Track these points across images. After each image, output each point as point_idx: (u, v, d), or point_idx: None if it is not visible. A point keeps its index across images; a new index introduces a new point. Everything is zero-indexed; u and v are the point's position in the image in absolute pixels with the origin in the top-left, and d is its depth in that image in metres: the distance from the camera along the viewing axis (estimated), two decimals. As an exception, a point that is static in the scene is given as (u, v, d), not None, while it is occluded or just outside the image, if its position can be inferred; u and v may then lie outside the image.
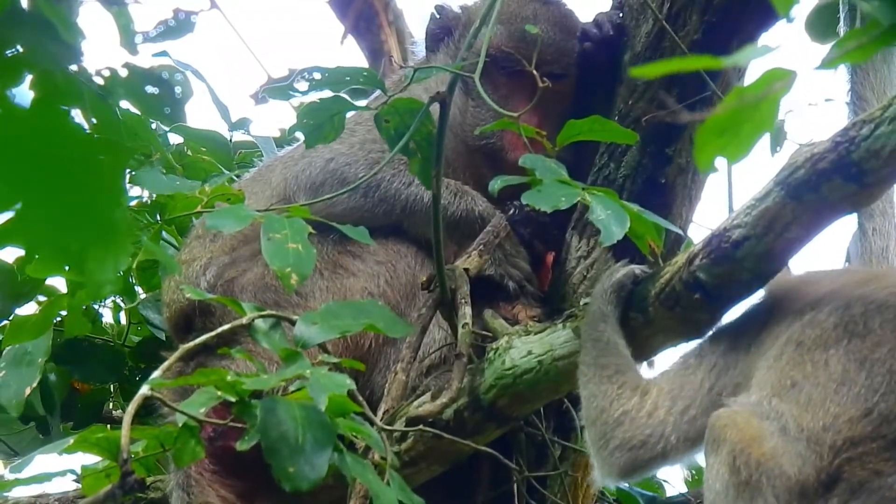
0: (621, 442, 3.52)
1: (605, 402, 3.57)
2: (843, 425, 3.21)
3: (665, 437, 3.47)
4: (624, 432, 3.52)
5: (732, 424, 3.29)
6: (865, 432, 3.20)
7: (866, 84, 4.67)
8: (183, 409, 3.33)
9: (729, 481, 3.24)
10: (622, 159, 4.44)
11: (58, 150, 2.19)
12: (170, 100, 3.43)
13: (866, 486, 3.16)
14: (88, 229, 2.25)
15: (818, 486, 3.17)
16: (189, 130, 5.45)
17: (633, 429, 3.51)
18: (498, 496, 4.49)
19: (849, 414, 3.23)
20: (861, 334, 3.31)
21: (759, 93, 2.31)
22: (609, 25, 4.55)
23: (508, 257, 4.39)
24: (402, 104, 3.93)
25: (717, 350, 3.55)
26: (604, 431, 3.55)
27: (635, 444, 3.50)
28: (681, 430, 3.47)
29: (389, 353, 4.33)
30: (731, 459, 3.24)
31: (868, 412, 3.22)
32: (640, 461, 3.51)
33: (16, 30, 3.10)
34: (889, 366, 3.26)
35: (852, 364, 3.28)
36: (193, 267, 4.49)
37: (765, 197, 3.54)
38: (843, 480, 3.17)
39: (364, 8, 6.81)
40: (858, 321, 3.32)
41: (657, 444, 3.48)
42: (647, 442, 3.49)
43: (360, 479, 3.41)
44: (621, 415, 3.53)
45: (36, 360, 4.80)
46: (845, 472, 3.17)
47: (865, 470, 3.17)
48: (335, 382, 3.36)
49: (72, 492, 4.52)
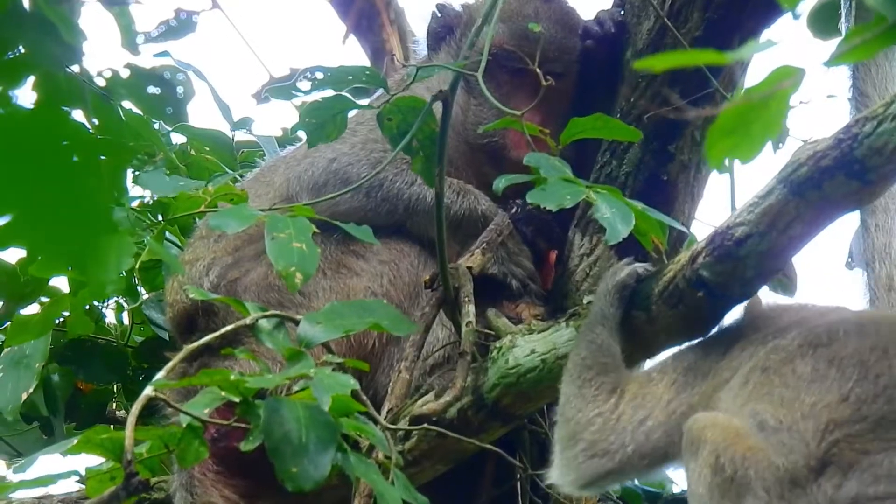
0: (587, 444, 3.51)
1: (581, 402, 3.57)
2: (821, 411, 3.21)
3: (624, 446, 3.48)
4: (592, 433, 3.51)
5: (712, 425, 3.28)
6: (845, 415, 3.20)
7: (868, 80, 4.66)
8: (187, 409, 3.33)
9: (712, 482, 3.21)
10: (624, 156, 4.44)
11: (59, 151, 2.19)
12: (172, 100, 3.43)
13: (856, 466, 3.15)
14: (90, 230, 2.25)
15: (808, 472, 3.16)
16: (192, 130, 5.46)
17: (602, 431, 3.51)
18: (501, 494, 4.49)
19: (825, 401, 3.23)
20: (826, 344, 3.33)
21: (766, 91, 2.30)
22: (611, 23, 4.55)
23: (511, 256, 4.39)
24: (404, 103, 3.93)
25: (679, 367, 3.55)
26: (574, 431, 3.55)
27: (598, 451, 3.50)
28: (637, 442, 3.47)
29: (393, 352, 4.33)
30: (714, 459, 3.21)
31: (844, 398, 3.22)
32: (600, 472, 3.50)
33: (17, 31, 3.09)
34: (858, 359, 3.27)
35: (821, 364, 3.29)
36: (197, 267, 4.49)
37: (768, 194, 3.54)
38: (833, 464, 3.16)
39: (365, 7, 6.81)
40: (822, 336, 3.35)
41: (616, 452, 3.48)
42: (609, 450, 3.49)
43: (365, 478, 3.41)
44: (595, 416, 3.54)
45: (34, 364, 4.80)
46: (834, 456, 3.16)
47: (853, 451, 3.16)
48: (339, 382, 3.36)
49: (75, 493, 4.52)
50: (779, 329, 3.44)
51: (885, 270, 4.56)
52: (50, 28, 3.08)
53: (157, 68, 3.47)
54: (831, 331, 3.36)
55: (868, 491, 3.12)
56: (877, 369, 3.26)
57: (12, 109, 2.31)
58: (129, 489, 3.20)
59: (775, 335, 3.42)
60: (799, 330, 3.40)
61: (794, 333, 3.39)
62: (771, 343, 3.40)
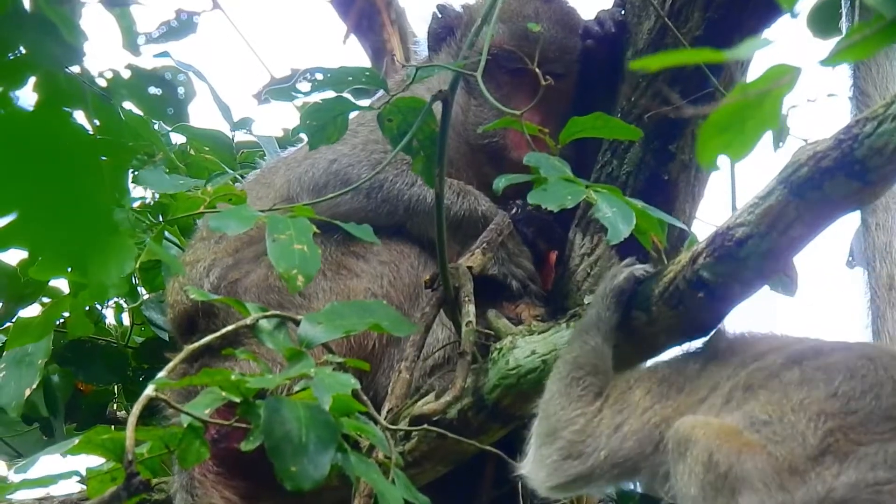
0: (565, 443, 3.51)
1: (566, 400, 3.57)
2: (810, 405, 3.23)
3: (597, 450, 3.47)
4: (572, 433, 3.51)
5: (704, 425, 3.28)
6: (835, 408, 3.22)
7: (868, 79, 4.66)
8: (188, 409, 3.33)
9: (705, 479, 3.20)
10: (625, 156, 4.44)
11: (60, 152, 2.19)
12: (172, 101, 3.43)
13: (853, 455, 3.16)
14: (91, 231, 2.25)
15: (807, 460, 3.16)
16: (192, 130, 5.46)
17: (581, 433, 3.50)
18: (501, 495, 4.49)
19: (813, 396, 3.25)
20: (811, 357, 3.36)
21: (762, 89, 2.29)
22: (611, 23, 4.55)
23: (512, 257, 4.39)
24: (404, 103, 3.93)
25: (655, 377, 3.56)
26: (555, 428, 3.55)
27: (573, 452, 3.49)
28: (610, 448, 3.47)
29: (393, 353, 4.33)
30: (707, 456, 3.21)
31: (832, 393, 3.25)
32: (571, 474, 3.49)
33: (18, 31, 3.09)
34: (845, 365, 3.30)
35: (808, 371, 3.32)
36: (197, 268, 4.49)
37: (768, 195, 3.54)
38: (831, 453, 3.17)
39: (366, 7, 6.81)
40: (807, 353, 3.38)
41: (589, 456, 3.47)
42: (583, 452, 3.49)
43: (365, 477, 3.41)
44: (578, 415, 3.54)
45: (36, 362, 4.80)
46: (831, 445, 3.17)
47: (849, 441, 3.18)
48: (340, 382, 3.36)
49: (75, 494, 4.52)
50: (758, 353, 3.46)
51: (885, 269, 4.56)
52: (51, 29, 3.08)
53: (158, 69, 3.47)
54: (816, 347, 3.41)
55: (867, 477, 3.13)
56: (863, 371, 3.28)
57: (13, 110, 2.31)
58: (130, 489, 3.20)
59: (755, 359, 3.44)
60: (781, 353, 3.42)
61: (776, 355, 3.41)
62: (752, 365, 3.41)
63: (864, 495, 3.12)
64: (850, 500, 3.12)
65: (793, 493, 3.14)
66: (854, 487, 3.12)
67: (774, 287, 4.39)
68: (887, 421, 3.21)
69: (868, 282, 4.58)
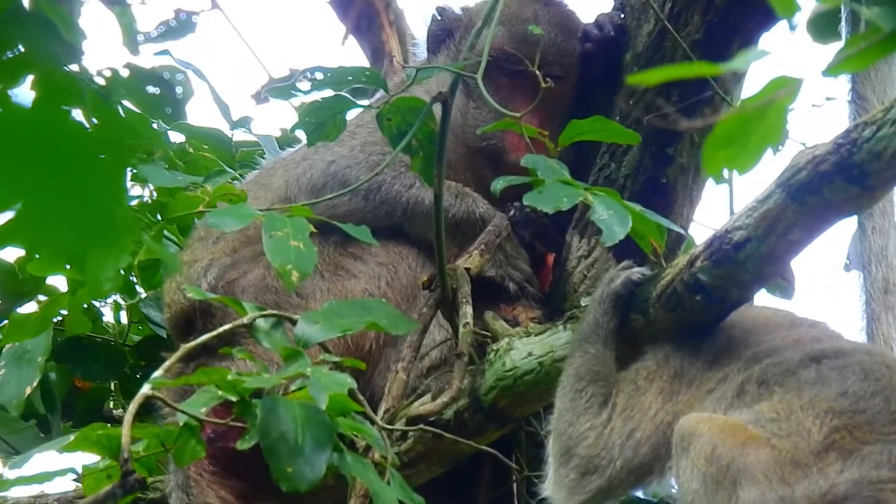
0: (581, 460, 3.50)
1: (573, 415, 3.56)
2: (819, 402, 3.24)
3: (613, 461, 3.47)
4: (586, 448, 3.50)
5: (708, 420, 3.28)
6: (843, 406, 3.23)
7: (867, 84, 4.67)
8: (184, 408, 3.33)
9: (707, 472, 3.20)
10: (623, 159, 4.44)
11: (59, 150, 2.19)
12: (171, 99, 3.43)
13: (857, 453, 3.17)
14: (89, 228, 2.25)
15: (811, 454, 3.17)
16: (190, 128, 5.45)
17: (594, 447, 3.49)
18: (498, 496, 4.49)
19: (823, 395, 3.26)
20: (831, 357, 3.36)
21: (764, 101, 2.30)
22: (610, 26, 4.55)
23: (509, 259, 4.39)
24: (404, 103, 3.93)
25: (666, 374, 3.55)
26: (568, 446, 3.54)
27: (590, 467, 3.48)
28: (625, 457, 3.46)
29: (390, 354, 4.33)
30: (710, 449, 3.21)
31: (842, 392, 3.26)
32: (591, 489, 3.48)
33: (17, 29, 3.09)
34: (860, 367, 3.31)
35: (825, 370, 3.32)
36: (195, 268, 4.49)
37: (766, 199, 3.54)
38: (835, 450, 3.18)
39: (365, 8, 6.80)
40: (828, 352, 3.38)
41: (606, 468, 3.47)
42: (600, 465, 3.48)
43: (361, 478, 3.41)
44: (588, 429, 3.53)
45: (36, 359, 4.79)
46: (835, 442, 3.18)
47: (854, 439, 3.19)
48: (336, 381, 3.36)
49: (71, 492, 4.51)
50: (772, 348, 3.45)
51: (881, 273, 4.57)
52: (50, 27, 3.08)
53: (157, 68, 3.48)
54: (838, 347, 3.40)
55: (870, 475, 3.14)
56: (878, 374, 3.29)
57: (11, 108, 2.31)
58: (126, 487, 3.20)
59: (769, 353, 3.43)
60: (796, 349, 3.41)
61: (793, 352, 3.41)
62: (767, 360, 3.41)
63: (866, 492, 3.13)
64: (852, 496, 3.13)
65: (794, 487, 3.14)
66: (856, 484, 3.13)
67: (772, 290, 4.39)
68: (894, 423, 3.22)
69: (864, 285, 4.58)
